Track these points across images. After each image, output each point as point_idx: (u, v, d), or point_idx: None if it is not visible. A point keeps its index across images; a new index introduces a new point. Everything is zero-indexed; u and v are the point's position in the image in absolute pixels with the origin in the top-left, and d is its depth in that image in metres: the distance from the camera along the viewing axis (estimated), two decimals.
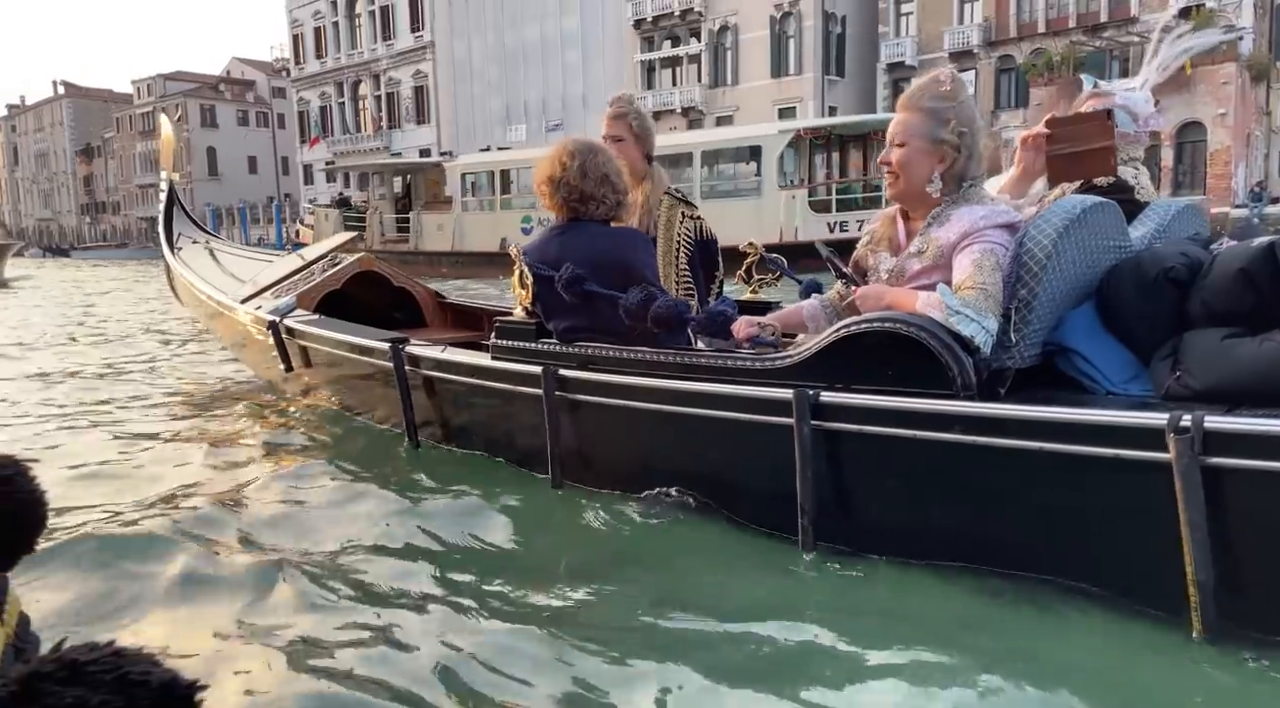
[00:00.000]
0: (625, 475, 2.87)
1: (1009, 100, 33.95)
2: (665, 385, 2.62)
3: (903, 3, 35.70)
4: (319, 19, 52.05)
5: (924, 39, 35.12)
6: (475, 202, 26.27)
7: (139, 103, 66.86)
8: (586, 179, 2.84)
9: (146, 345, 8.64)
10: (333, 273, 4.73)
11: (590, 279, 2.76)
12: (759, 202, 20.63)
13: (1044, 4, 32.73)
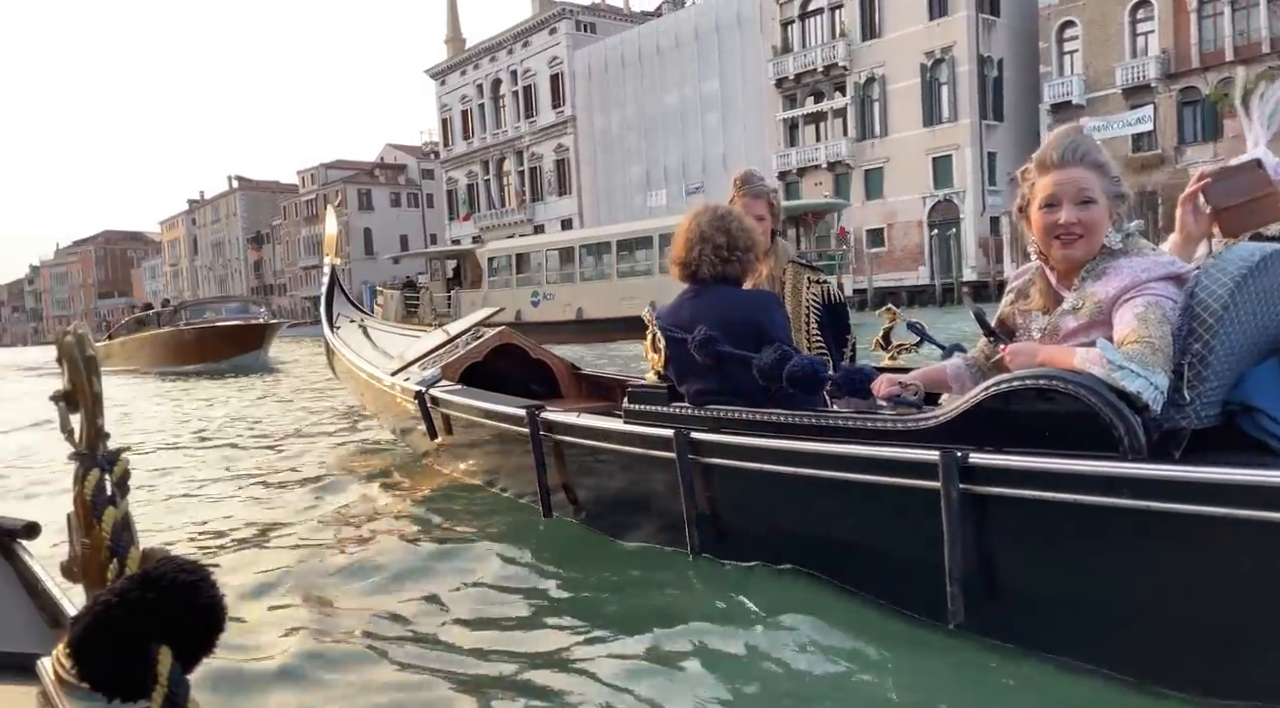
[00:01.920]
0: (762, 542, 2.77)
1: (1194, 134, 30.82)
2: (801, 447, 2.52)
3: (1066, 40, 33.06)
4: (466, 103, 54.10)
5: (1092, 76, 32.46)
6: (499, 280, 30.80)
7: (303, 191, 71.30)
8: (723, 241, 2.87)
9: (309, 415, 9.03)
10: (474, 346, 4.95)
11: (723, 341, 2.74)
12: None
13: (1230, 30, 29.51)
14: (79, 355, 0.80)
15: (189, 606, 0.64)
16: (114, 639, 0.63)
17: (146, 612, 0.63)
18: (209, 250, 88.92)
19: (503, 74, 51.70)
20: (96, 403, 0.80)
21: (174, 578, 0.64)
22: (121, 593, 0.64)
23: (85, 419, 0.81)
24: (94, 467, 0.79)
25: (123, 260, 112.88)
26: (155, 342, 21.65)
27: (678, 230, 2.99)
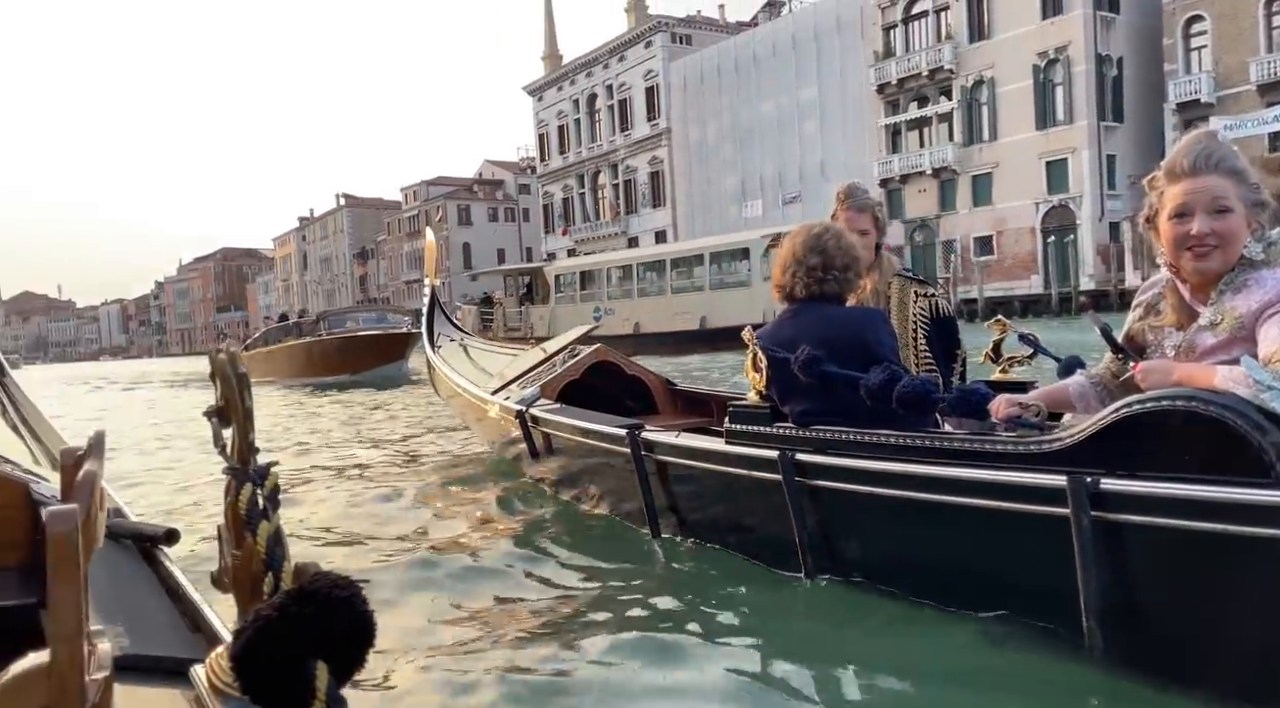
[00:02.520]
0: (877, 567, 2.70)
1: None
2: (914, 471, 2.44)
3: (1193, 36, 30.91)
4: (562, 118, 54.52)
5: (1222, 72, 30.31)
6: (565, 296, 32.57)
7: (406, 207, 73.16)
8: (817, 263, 2.82)
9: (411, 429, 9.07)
10: (572, 364, 4.95)
11: (827, 360, 2.67)
12: (749, 290, 25.51)
13: None
14: (231, 373, 0.81)
15: (343, 621, 0.65)
16: (273, 654, 0.64)
17: (304, 627, 0.64)
18: (318, 265, 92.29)
19: (598, 88, 51.94)
20: (248, 418, 0.82)
21: (329, 593, 0.66)
22: (280, 608, 0.65)
23: (237, 434, 0.83)
24: (246, 481, 0.82)
25: (238, 276, 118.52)
26: (294, 352, 21.23)
27: (776, 253, 2.97)
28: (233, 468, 0.82)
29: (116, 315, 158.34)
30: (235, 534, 0.83)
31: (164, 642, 1.10)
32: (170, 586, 1.37)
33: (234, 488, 0.82)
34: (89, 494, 0.75)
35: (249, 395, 0.82)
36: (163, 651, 1.04)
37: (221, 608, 1.19)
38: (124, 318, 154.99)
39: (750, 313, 23.76)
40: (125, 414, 14.60)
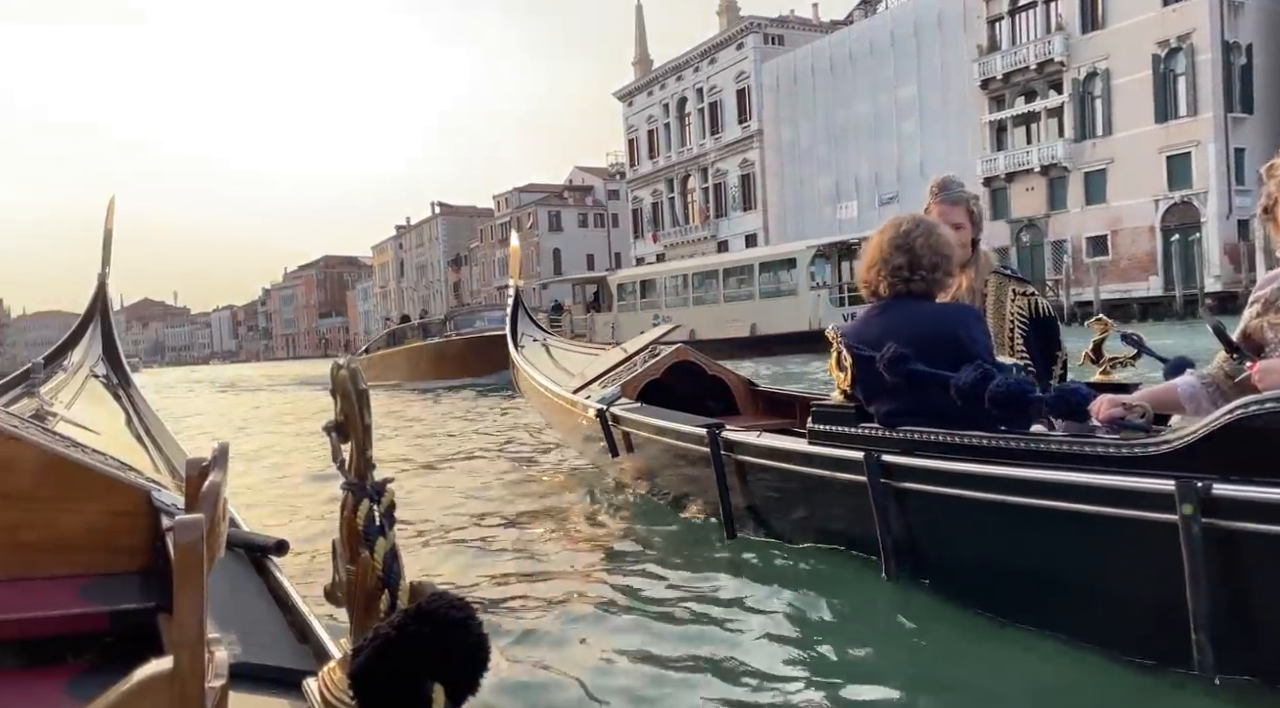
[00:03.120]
0: (965, 573, 2.63)
1: None
2: (1008, 474, 2.36)
3: None
4: (652, 122, 54.33)
5: None
6: (627, 304, 33.83)
7: (498, 215, 74.20)
8: (902, 262, 2.72)
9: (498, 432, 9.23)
10: (652, 363, 4.95)
11: (915, 358, 2.58)
12: (795, 299, 26.86)
13: None
14: (352, 389, 0.82)
15: (460, 643, 0.65)
16: (391, 673, 0.65)
17: (422, 648, 0.65)
18: (414, 272, 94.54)
19: (688, 92, 51.57)
20: (367, 434, 0.82)
21: (446, 614, 0.66)
22: (399, 627, 0.65)
23: (355, 450, 0.83)
24: (364, 497, 0.82)
25: (339, 283, 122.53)
26: (420, 354, 20.44)
27: (865, 251, 2.90)
28: (350, 484, 0.82)
29: (227, 321, 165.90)
30: (350, 549, 0.83)
31: (273, 651, 1.09)
32: (279, 596, 1.39)
33: (351, 503, 0.81)
34: (213, 505, 0.76)
35: (368, 412, 0.82)
36: (271, 660, 1.04)
37: (328, 621, 1.20)
38: (234, 323, 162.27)
39: (796, 321, 25.52)
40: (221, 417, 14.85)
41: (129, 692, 0.59)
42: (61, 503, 1.67)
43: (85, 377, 3.66)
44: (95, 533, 1.68)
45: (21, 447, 1.68)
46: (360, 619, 0.82)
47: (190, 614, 0.60)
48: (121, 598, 1.54)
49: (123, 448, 2.35)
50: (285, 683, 0.99)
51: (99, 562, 1.66)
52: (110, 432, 2.74)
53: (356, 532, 0.81)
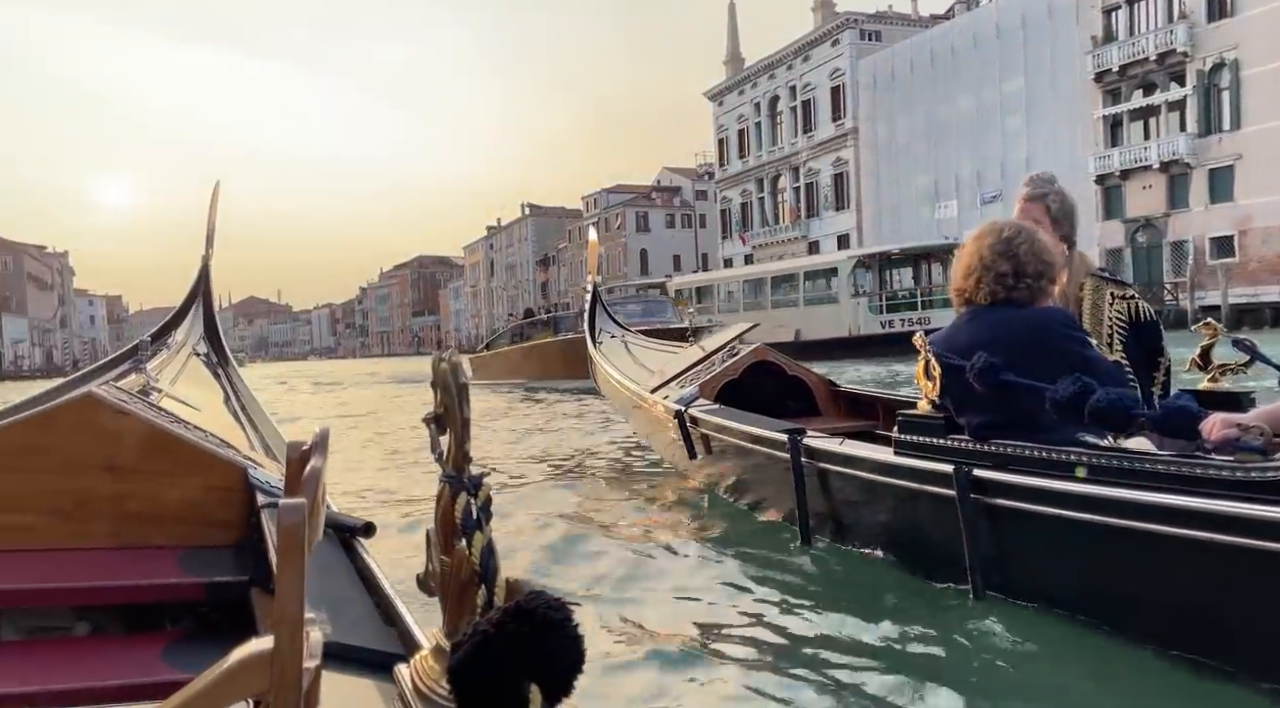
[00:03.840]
0: (1059, 595, 2.52)
1: None
2: (1108, 494, 2.26)
3: None
4: (743, 122, 53.42)
5: None
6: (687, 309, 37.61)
7: (587, 215, 74.38)
8: (1008, 269, 2.61)
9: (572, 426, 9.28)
10: (731, 363, 4.87)
11: (1008, 368, 2.47)
12: (837, 307, 27.90)
13: None
14: (452, 382, 0.83)
15: (557, 644, 0.65)
16: (490, 671, 0.64)
17: (520, 647, 0.64)
18: (503, 272, 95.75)
19: (780, 90, 50.49)
20: (465, 428, 0.83)
21: (544, 614, 0.65)
22: (498, 625, 0.65)
23: (454, 443, 0.83)
24: (461, 490, 0.82)
25: (431, 282, 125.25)
26: (546, 351, 19.11)
27: (959, 253, 2.78)
28: (448, 476, 0.82)
29: (326, 319, 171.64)
30: (445, 541, 0.83)
31: (359, 633, 1.09)
32: (365, 577, 1.39)
33: (448, 495, 0.82)
34: (314, 489, 0.77)
35: (467, 406, 0.82)
36: (358, 641, 1.05)
37: (413, 605, 1.19)
38: (332, 321, 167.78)
39: (837, 327, 26.96)
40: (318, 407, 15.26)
41: (230, 669, 0.60)
42: (164, 476, 1.74)
43: (188, 355, 3.69)
44: (194, 506, 1.74)
45: (130, 421, 1.74)
46: (453, 611, 0.81)
47: (291, 595, 0.61)
48: (216, 570, 1.60)
49: (221, 426, 2.37)
50: (371, 664, 1.00)
51: (196, 535, 1.73)
52: (210, 409, 2.75)
53: (452, 524, 0.81)
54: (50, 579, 1.60)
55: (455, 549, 0.81)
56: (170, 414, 1.98)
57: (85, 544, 1.71)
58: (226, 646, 1.28)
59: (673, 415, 4.49)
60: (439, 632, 0.85)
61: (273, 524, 1.54)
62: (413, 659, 0.84)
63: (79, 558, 1.67)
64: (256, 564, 1.56)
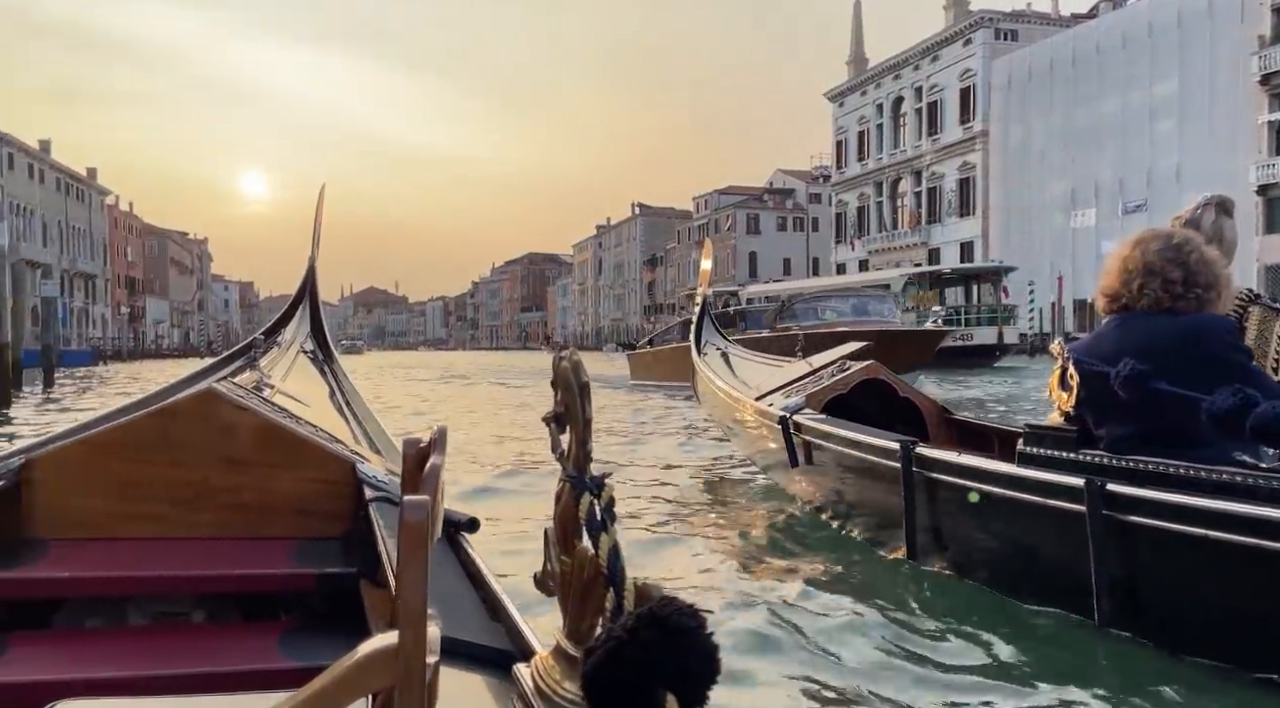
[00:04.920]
0: (1200, 626, 2.33)
1: None
2: (1268, 515, 2.08)
3: None
4: (864, 123, 51.64)
5: None
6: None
7: (697, 216, 73.63)
8: (1178, 276, 2.44)
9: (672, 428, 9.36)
10: (840, 378, 4.75)
11: (1156, 377, 2.32)
12: None
13: None
14: (574, 381, 0.82)
15: (692, 653, 0.63)
16: (624, 678, 0.63)
17: (655, 655, 0.63)
18: (610, 271, 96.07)
19: (905, 91, 48.57)
20: (587, 427, 0.82)
21: (679, 622, 0.63)
22: (632, 631, 0.64)
23: (575, 443, 0.82)
24: (584, 490, 0.81)
25: (540, 279, 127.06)
26: None
27: (1111, 259, 2.63)
28: (570, 475, 0.81)
29: (439, 311, 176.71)
30: (565, 541, 0.82)
31: (468, 628, 1.10)
32: (471, 572, 1.38)
33: (570, 495, 0.81)
34: (435, 486, 0.78)
35: (589, 405, 0.81)
36: (466, 636, 1.05)
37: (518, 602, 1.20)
38: (445, 313, 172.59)
39: None
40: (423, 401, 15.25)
41: (357, 663, 0.60)
42: (277, 469, 1.78)
43: (296, 352, 3.76)
44: (305, 499, 1.80)
45: (248, 415, 1.81)
46: (575, 612, 0.80)
47: (415, 592, 0.61)
48: (327, 562, 1.64)
49: (328, 421, 2.40)
50: (481, 660, 1.01)
51: (307, 527, 1.78)
52: (318, 405, 2.78)
53: (572, 524, 0.80)
54: (173, 567, 1.64)
55: (576, 549, 0.80)
56: (283, 410, 2.02)
57: (204, 534, 1.76)
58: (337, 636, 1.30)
59: (776, 421, 4.39)
60: (560, 633, 0.82)
61: (381, 518, 1.57)
62: (533, 659, 0.83)
63: (198, 547, 1.72)
64: (365, 557, 1.58)
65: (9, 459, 1.79)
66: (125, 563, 1.63)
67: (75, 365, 35.04)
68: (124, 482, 1.75)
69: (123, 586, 1.64)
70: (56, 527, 1.72)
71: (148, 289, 78.53)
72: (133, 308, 72.60)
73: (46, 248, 54.08)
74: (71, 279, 58.44)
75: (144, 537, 1.72)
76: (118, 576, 1.61)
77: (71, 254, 59.24)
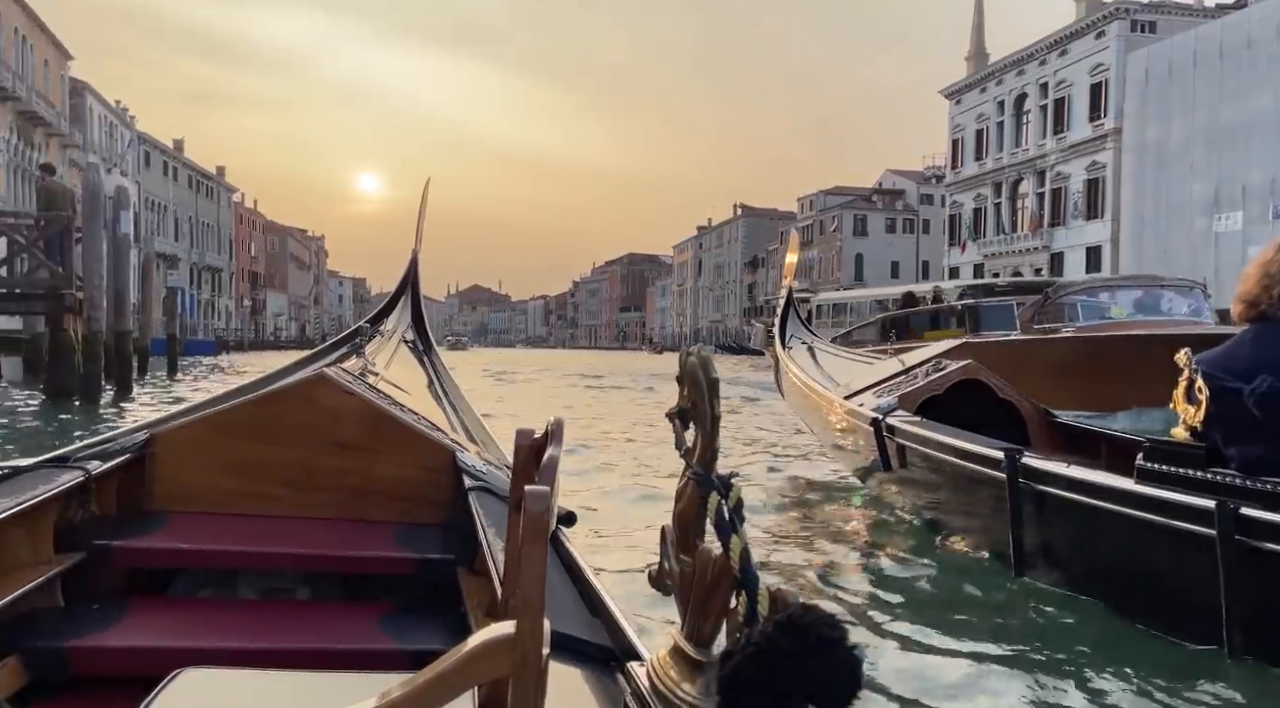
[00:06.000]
0: None
1: None
2: None
3: None
4: (982, 121, 49.35)
5: None
6: (823, 323, 33.78)
7: (801, 217, 72.22)
8: None
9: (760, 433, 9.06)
10: (936, 378, 4.58)
11: None
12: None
13: None
14: (702, 377, 0.79)
15: (834, 664, 0.61)
16: (764, 686, 0.61)
17: (797, 664, 0.61)
18: (710, 272, 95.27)
19: (1029, 87, 46.11)
20: (715, 425, 0.79)
21: (821, 632, 0.61)
22: (772, 639, 0.62)
23: (702, 440, 0.80)
24: (712, 490, 0.78)
25: (640, 279, 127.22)
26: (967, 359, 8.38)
27: (1252, 263, 2.54)
28: (696, 474, 0.79)
29: (540, 310, 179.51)
30: (686, 540, 0.80)
31: (568, 623, 1.10)
32: (569, 566, 1.38)
33: (693, 494, 0.79)
34: (552, 477, 0.77)
35: (717, 402, 0.79)
36: (567, 630, 1.06)
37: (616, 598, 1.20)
38: (545, 312, 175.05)
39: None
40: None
41: (474, 652, 0.60)
42: (380, 454, 1.82)
43: (398, 342, 3.79)
44: (406, 485, 1.83)
45: (355, 400, 1.86)
46: (696, 613, 0.78)
47: (534, 583, 0.60)
48: (425, 547, 1.68)
49: (428, 409, 2.45)
50: (582, 655, 1.01)
51: (407, 512, 1.81)
52: (418, 393, 2.83)
53: (694, 523, 0.78)
54: (281, 544, 1.70)
55: (698, 550, 0.77)
56: (387, 396, 2.03)
57: (310, 514, 1.81)
58: (435, 621, 1.44)
59: (868, 423, 4.27)
60: (678, 634, 0.80)
61: (481, 507, 1.59)
62: (648, 659, 0.81)
63: (304, 526, 1.78)
64: (462, 545, 1.60)
65: (135, 433, 1.88)
66: (237, 538, 1.70)
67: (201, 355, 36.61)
68: (237, 460, 1.82)
69: (235, 560, 1.70)
70: (175, 500, 1.80)
71: (269, 283, 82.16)
72: (254, 301, 76.05)
73: (178, 242, 57.09)
74: (200, 272, 61.56)
75: (255, 514, 1.79)
76: (230, 550, 1.67)
77: (200, 248, 62.41)
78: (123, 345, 13.09)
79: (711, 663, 0.75)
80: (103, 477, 1.73)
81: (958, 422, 4.14)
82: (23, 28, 36.90)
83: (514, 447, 0.93)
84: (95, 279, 12.07)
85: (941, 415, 4.26)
